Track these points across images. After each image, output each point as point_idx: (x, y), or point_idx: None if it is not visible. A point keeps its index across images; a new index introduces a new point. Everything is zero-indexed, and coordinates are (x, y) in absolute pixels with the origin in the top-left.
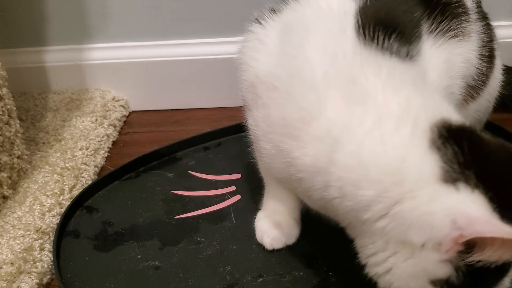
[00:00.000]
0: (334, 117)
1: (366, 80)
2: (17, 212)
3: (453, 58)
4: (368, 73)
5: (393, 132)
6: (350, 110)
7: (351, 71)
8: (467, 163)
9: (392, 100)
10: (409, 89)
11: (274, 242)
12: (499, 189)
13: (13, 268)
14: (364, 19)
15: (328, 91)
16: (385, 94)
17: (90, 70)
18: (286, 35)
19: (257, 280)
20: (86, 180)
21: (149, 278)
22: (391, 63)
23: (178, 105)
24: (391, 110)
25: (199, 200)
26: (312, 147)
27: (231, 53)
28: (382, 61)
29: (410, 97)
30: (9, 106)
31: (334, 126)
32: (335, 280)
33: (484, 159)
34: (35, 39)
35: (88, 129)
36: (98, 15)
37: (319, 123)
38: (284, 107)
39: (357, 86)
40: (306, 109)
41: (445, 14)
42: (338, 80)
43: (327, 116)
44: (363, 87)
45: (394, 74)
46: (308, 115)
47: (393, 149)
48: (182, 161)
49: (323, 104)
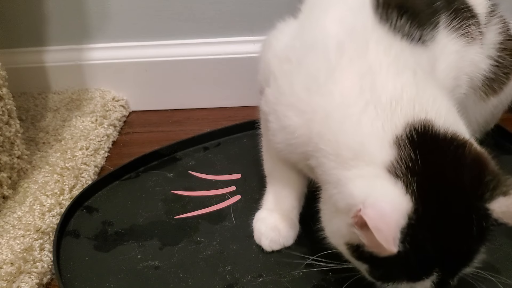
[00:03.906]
0: (336, 92)
1: (375, 57)
2: (17, 212)
3: (462, 53)
4: (379, 50)
5: (371, 121)
6: (351, 87)
7: (365, 44)
8: (414, 171)
9: (389, 84)
10: (408, 77)
11: (272, 244)
12: (427, 209)
13: (13, 268)
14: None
15: (340, 61)
16: (386, 76)
17: (90, 70)
18: (307, 13)
19: (257, 280)
20: (86, 180)
21: (149, 278)
22: (401, 45)
23: (177, 105)
24: (383, 95)
25: (199, 200)
26: (307, 118)
27: (231, 53)
28: (393, 41)
29: (405, 86)
30: (9, 106)
31: (332, 102)
32: (335, 280)
33: (431, 177)
34: (35, 39)
35: (88, 129)
36: (98, 15)
37: (322, 97)
38: (294, 77)
39: (366, 60)
40: (315, 79)
41: (458, 14)
42: (351, 52)
43: (330, 90)
44: (370, 63)
45: (400, 56)
46: (314, 86)
47: (362, 136)
48: (182, 161)
49: (332, 74)
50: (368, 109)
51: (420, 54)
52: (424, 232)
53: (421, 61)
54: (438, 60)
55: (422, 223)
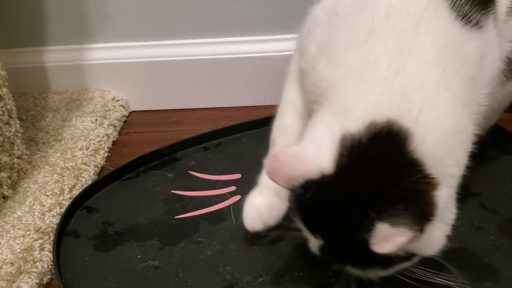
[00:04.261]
0: (366, 56)
1: (420, 39)
2: (17, 212)
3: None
4: (428, 31)
5: (370, 98)
6: (379, 60)
7: (415, 19)
8: (351, 153)
9: (412, 75)
10: (435, 74)
11: (254, 224)
12: (338, 186)
13: (13, 268)
14: None
15: (383, 27)
16: (417, 65)
17: (90, 70)
18: None
19: (257, 280)
20: (86, 180)
21: (149, 278)
22: (452, 29)
23: (177, 105)
24: (397, 83)
25: (199, 200)
26: (336, 71)
27: (231, 53)
28: (446, 23)
29: (423, 84)
30: (9, 106)
31: (357, 64)
32: (335, 280)
33: (359, 166)
34: (35, 39)
35: (88, 129)
36: (98, 15)
37: (353, 56)
38: (338, 30)
39: (408, 38)
40: (355, 36)
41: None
42: (397, 20)
43: (362, 52)
44: (411, 44)
45: (446, 44)
46: (353, 43)
47: (354, 102)
48: (182, 161)
49: (371, 37)
50: (377, 89)
51: (472, 40)
52: (324, 198)
53: (470, 48)
54: (487, 48)
55: (327, 191)
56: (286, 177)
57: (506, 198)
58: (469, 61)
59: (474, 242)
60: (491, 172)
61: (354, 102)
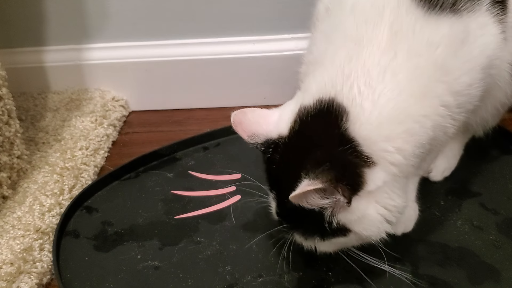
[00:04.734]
0: (332, 47)
1: (381, 28)
2: (17, 212)
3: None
4: (389, 20)
5: (326, 77)
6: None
7: (382, 8)
8: (302, 119)
9: (366, 65)
10: (385, 61)
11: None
12: (289, 146)
13: (13, 268)
14: None
15: (347, 20)
16: (372, 55)
17: (90, 70)
18: None
19: (257, 280)
20: (86, 180)
21: (149, 278)
22: (415, 16)
23: (177, 105)
24: (347, 69)
25: (199, 200)
26: (310, 60)
27: (231, 53)
28: (409, 12)
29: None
30: (9, 106)
31: (323, 54)
32: (335, 280)
33: (306, 130)
34: (35, 39)
35: (88, 129)
36: (98, 15)
37: (324, 46)
38: (326, 23)
39: (370, 27)
40: (330, 29)
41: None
42: (362, 13)
43: (330, 44)
44: (371, 32)
45: (406, 32)
46: (327, 34)
47: (312, 81)
48: (182, 161)
49: (338, 29)
50: (332, 73)
51: (440, 26)
52: (277, 157)
53: (436, 35)
54: (471, 37)
55: (280, 151)
56: (250, 132)
57: (506, 198)
58: (431, 48)
59: (474, 242)
60: (491, 172)
61: (313, 82)
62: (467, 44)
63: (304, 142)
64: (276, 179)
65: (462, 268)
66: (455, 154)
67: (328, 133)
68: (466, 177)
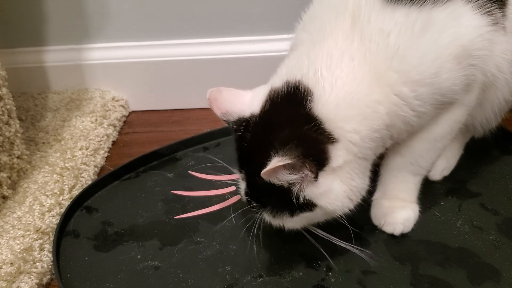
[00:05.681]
0: (304, 37)
1: (344, 19)
2: (17, 212)
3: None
4: (350, 11)
5: (295, 60)
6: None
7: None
8: (272, 100)
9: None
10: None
11: None
12: (259, 124)
13: (13, 268)
14: None
15: (318, 14)
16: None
17: (90, 70)
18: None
19: (256, 280)
20: (86, 180)
21: (149, 278)
22: (369, 6)
23: (177, 105)
24: (312, 54)
25: (199, 200)
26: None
27: (231, 53)
28: (365, 2)
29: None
30: (9, 106)
31: (296, 43)
32: (335, 280)
33: (275, 111)
34: (35, 39)
35: (88, 129)
36: (98, 15)
37: (298, 37)
38: (310, 11)
39: (334, 19)
40: (307, 22)
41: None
42: (331, 6)
43: (303, 34)
44: (335, 23)
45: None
46: (302, 26)
47: (286, 65)
48: (182, 161)
49: (313, 22)
50: (299, 58)
51: (394, 15)
52: (248, 135)
53: (389, 23)
54: (437, 26)
55: (251, 129)
56: (224, 109)
57: (506, 198)
58: (382, 35)
59: (474, 242)
60: (491, 172)
61: (284, 67)
62: (430, 33)
63: (274, 121)
64: (246, 158)
65: (462, 268)
66: (455, 154)
67: (295, 112)
68: (466, 177)
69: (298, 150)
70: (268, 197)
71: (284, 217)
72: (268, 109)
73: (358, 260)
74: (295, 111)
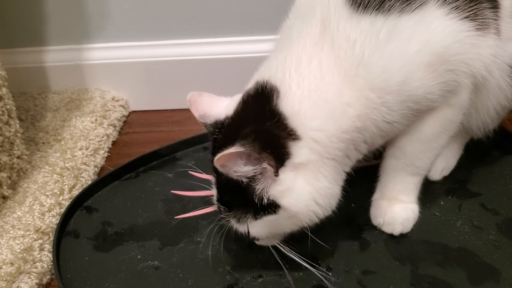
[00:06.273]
0: (280, 43)
1: (314, 25)
2: (16, 212)
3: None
4: (320, 18)
5: (270, 63)
6: (282, 45)
7: (314, 9)
8: (244, 102)
9: (298, 53)
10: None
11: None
12: (231, 125)
13: (12, 268)
14: None
15: (293, 21)
16: (304, 45)
17: (90, 70)
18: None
19: (257, 280)
20: (86, 180)
21: (149, 278)
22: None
23: (177, 105)
24: (281, 56)
25: (199, 200)
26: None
27: (231, 53)
28: (334, 10)
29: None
30: (9, 106)
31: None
32: (335, 280)
33: (244, 110)
34: (35, 39)
35: (88, 129)
36: (98, 15)
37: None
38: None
39: (304, 25)
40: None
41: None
42: (303, 14)
43: (279, 41)
44: (307, 30)
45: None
46: (287, 24)
47: (263, 69)
48: (182, 161)
49: (290, 28)
50: (271, 61)
51: (360, 23)
52: (221, 136)
53: (355, 31)
54: (404, 34)
55: (223, 131)
56: (202, 111)
57: (506, 198)
58: (349, 43)
59: (474, 242)
60: (491, 172)
61: (258, 70)
62: (396, 41)
63: (242, 120)
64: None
65: (462, 268)
66: (454, 154)
67: (261, 109)
68: (466, 177)
69: (255, 142)
70: (232, 197)
71: (249, 221)
72: (240, 109)
73: (358, 260)
74: (261, 108)
